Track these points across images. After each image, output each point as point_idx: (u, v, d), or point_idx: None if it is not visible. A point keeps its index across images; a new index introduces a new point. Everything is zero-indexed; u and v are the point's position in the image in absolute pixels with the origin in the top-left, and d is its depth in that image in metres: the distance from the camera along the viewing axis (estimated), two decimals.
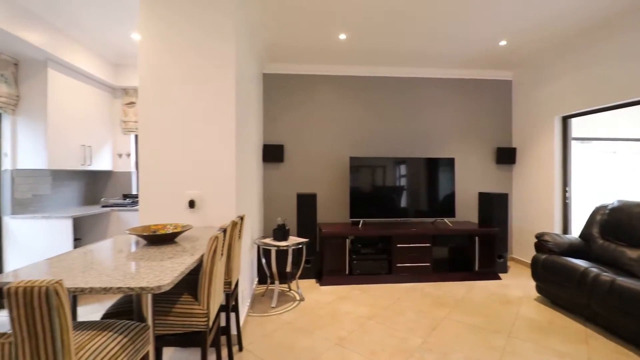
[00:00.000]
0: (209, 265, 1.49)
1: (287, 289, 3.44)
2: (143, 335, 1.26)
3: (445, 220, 4.15)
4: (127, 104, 4.17)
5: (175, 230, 1.85)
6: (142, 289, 1.11)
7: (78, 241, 3.52)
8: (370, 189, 4.05)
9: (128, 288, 1.11)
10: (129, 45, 3.65)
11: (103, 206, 3.69)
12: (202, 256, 1.54)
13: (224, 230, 1.72)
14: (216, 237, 1.50)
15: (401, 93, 4.43)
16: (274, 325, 2.65)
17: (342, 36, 3.47)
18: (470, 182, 4.52)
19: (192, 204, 2.32)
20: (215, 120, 2.36)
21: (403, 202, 4.11)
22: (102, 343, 1.08)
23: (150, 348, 1.32)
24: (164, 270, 1.28)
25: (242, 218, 2.25)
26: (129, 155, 4.19)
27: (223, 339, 2.29)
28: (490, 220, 4.00)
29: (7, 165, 3.05)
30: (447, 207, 4.12)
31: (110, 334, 1.15)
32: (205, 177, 2.35)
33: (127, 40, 3.50)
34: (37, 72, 3.12)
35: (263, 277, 3.65)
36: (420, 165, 4.12)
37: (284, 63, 4.22)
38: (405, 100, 4.43)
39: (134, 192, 4.17)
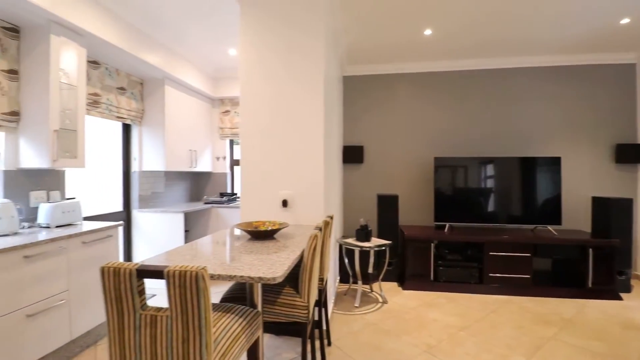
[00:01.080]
0: (309, 261, 1.58)
1: (369, 290, 3.44)
2: (256, 321, 1.39)
3: (549, 228, 3.67)
4: (223, 112, 4.67)
5: (274, 228, 2.00)
6: (260, 278, 1.23)
7: (187, 233, 4.06)
8: (456, 191, 3.81)
9: (249, 277, 1.24)
10: (226, 60, 4.08)
11: (205, 203, 4.19)
12: (302, 252, 1.64)
13: (320, 229, 1.80)
14: (316, 236, 1.58)
15: (490, 86, 4.06)
16: (359, 324, 2.68)
17: (428, 32, 3.34)
18: (580, 184, 3.92)
19: (285, 203, 2.49)
20: (306, 122, 2.49)
21: (494, 206, 3.76)
22: (228, 323, 1.23)
23: (260, 333, 1.46)
24: (273, 264, 1.40)
25: (331, 218, 2.33)
26: (224, 158, 4.68)
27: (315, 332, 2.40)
28: (607, 229, 3.40)
29: (135, 167, 3.68)
30: (551, 213, 3.64)
31: (232, 315, 1.30)
32: (297, 178, 2.50)
33: (225, 55, 3.92)
34: (157, 88, 3.69)
35: (344, 276, 3.72)
36: (514, 165, 3.72)
37: (363, 64, 4.23)
38: (496, 94, 4.05)
39: (228, 190, 4.64)
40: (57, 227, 2.39)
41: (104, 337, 2.52)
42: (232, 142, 4.79)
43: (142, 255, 3.62)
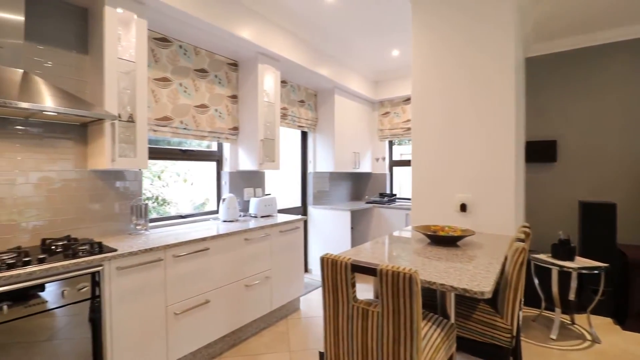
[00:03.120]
0: (514, 278, 1.36)
1: (569, 322, 2.75)
2: (452, 334, 1.29)
3: None
4: (382, 114, 4.75)
5: (456, 234, 1.85)
6: (465, 290, 1.13)
7: (352, 230, 4.33)
8: None
9: (451, 287, 1.16)
10: (387, 62, 4.12)
11: (367, 202, 4.37)
12: (503, 266, 1.43)
13: (522, 241, 1.53)
14: (523, 249, 1.34)
15: None
16: None
17: None
18: None
19: (463, 207, 2.28)
20: (490, 118, 2.20)
21: None
22: (428, 331, 1.19)
23: (454, 348, 1.35)
24: (474, 276, 1.27)
25: (529, 228, 1.96)
26: (384, 159, 4.76)
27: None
28: None
29: (310, 168, 4.20)
30: None
31: (429, 323, 1.25)
32: (478, 180, 2.24)
33: (387, 58, 3.96)
34: (328, 98, 4.09)
35: (530, 299, 3.11)
36: None
37: (556, 39, 3.43)
38: None
39: (387, 191, 4.70)
40: (261, 217, 2.97)
41: (292, 312, 2.96)
42: (390, 144, 4.81)
43: (315, 245, 4.08)
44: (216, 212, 3.03)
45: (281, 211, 3.63)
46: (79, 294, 1.55)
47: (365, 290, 3.37)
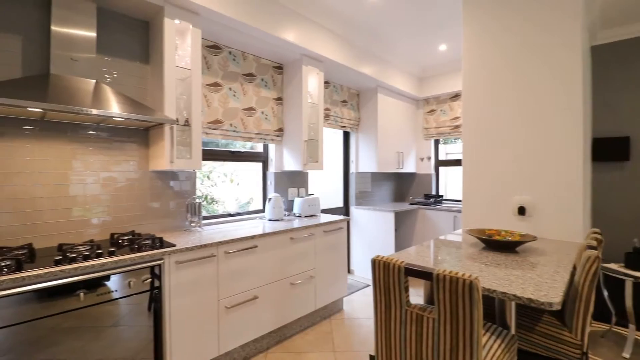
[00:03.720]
0: (585, 289, 1.23)
1: None
2: (513, 346, 1.21)
3: None
4: (427, 112, 4.58)
5: (514, 239, 1.72)
6: (530, 300, 1.05)
7: (396, 232, 4.24)
8: None
9: (514, 296, 1.08)
10: (433, 58, 3.97)
11: (411, 204, 4.24)
12: (572, 276, 1.31)
13: (594, 249, 1.39)
14: (597, 257, 1.21)
15: None
16: None
17: None
18: None
19: (521, 210, 2.12)
20: (555, 113, 2.02)
21: None
22: (487, 341, 1.12)
23: None
24: (539, 285, 1.17)
25: (600, 234, 1.78)
26: (429, 158, 4.59)
27: None
28: None
29: (353, 169, 4.17)
30: None
31: (489, 334, 1.17)
32: (539, 181, 2.07)
33: (433, 53, 3.82)
34: (371, 97, 4.03)
35: (597, 312, 2.82)
36: None
37: (627, 25, 3.06)
38: None
39: (433, 192, 4.52)
40: (305, 217, 3.01)
41: (336, 312, 2.96)
42: (436, 143, 4.63)
43: (358, 246, 4.05)
44: (262, 211, 3.12)
45: (324, 211, 3.65)
46: (143, 284, 1.68)
47: (412, 294, 3.26)
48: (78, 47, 1.80)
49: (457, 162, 4.41)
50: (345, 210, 4.16)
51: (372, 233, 3.88)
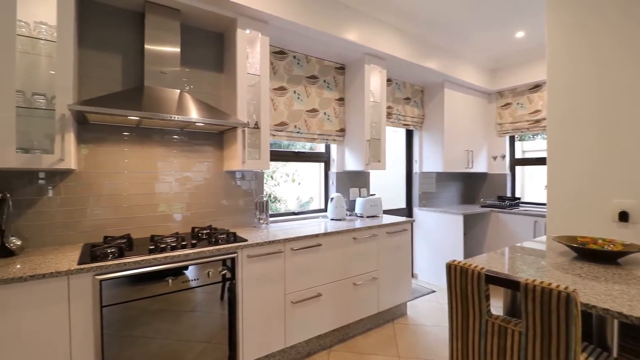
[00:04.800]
0: None
1: None
2: None
3: None
4: (501, 106, 4.20)
5: (614, 249, 1.48)
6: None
7: (464, 236, 3.97)
8: None
9: (619, 314, 0.93)
10: (508, 46, 3.62)
11: (482, 206, 3.93)
12: None
13: None
14: None
15: None
16: None
17: None
18: None
19: (623, 216, 1.82)
20: None
21: None
22: None
23: None
24: None
25: None
26: (503, 157, 4.20)
27: None
28: None
29: (416, 168, 4.01)
30: None
31: (585, 354, 1.03)
32: None
33: (508, 41, 3.48)
34: (436, 93, 3.83)
35: None
36: None
37: None
38: None
39: (508, 194, 4.13)
40: (367, 217, 2.98)
41: (399, 316, 2.87)
42: (512, 139, 4.21)
43: (422, 250, 3.88)
44: (323, 210, 3.17)
45: (385, 212, 3.56)
46: (219, 275, 1.83)
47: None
48: (166, 61, 2.02)
49: (537, 161, 3.97)
50: (408, 211, 4.01)
51: (438, 237, 3.68)
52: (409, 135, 4.08)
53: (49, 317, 1.37)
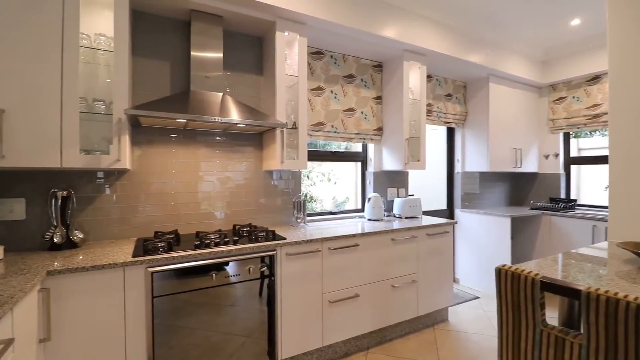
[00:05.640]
0: None
1: None
2: None
3: None
4: (554, 100, 3.88)
5: None
6: None
7: (512, 240, 3.72)
8: None
9: None
10: (561, 35, 3.34)
11: (532, 208, 3.66)
12: None
13: None
14: None
15: None
16: None
17: None
18: None
19: None
20: None
21: None
22: None
23: None
24: None
25: None
26: (556, 155, 3.88)
27: None
28: None
29: (458, 168, 3.83)
30: None
31: None
32: None
33: (562, 30, 3.21)
34: (480, 88, 3.63)
35: None
36: None
37: None
38: None
39: (562, 195, 3.81)
40: (406, 218, 2.90)
41: (440, 322, 2.76)
42: (566, 136, 3.88)
43: (464, 253, 3.70)
44: (360, 210, 3.14)
45: (425, 213, 3.45)
46: (259, 272, 1.87)
47: None
48: (210, 67, 2.12)
49: (596, 159, 3.61)
50: (449, 213, 3.85)
51: (482, 240, 3.49)
52: (450, 133, 3.91)
53: (108, 304, 1.49)
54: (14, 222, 1.77)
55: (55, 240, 1.71)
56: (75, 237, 1.78)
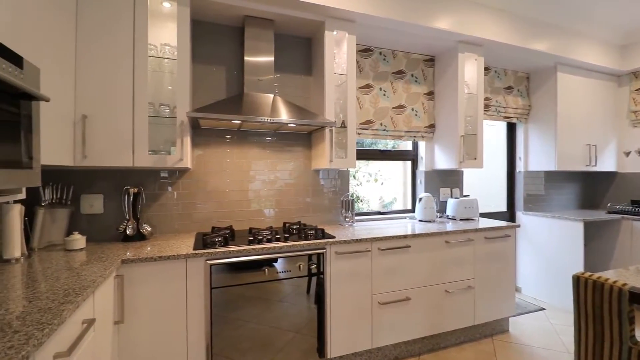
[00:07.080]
0: None
1: None
2: None
3: None
4: (636, 90, 3.40)
5: None
6: None
7: (585, 247, 3.33)
8: None
9: None
10: None
11: (609, 212, 3.24)
12: None
13: None
14: None
15: None
16: None
17: None
18: None
19: None
20: None
21: None
22: None
23: None
24: None
25: None
26: (639, 152, 3.39)
27: None
28: None
29: (520, 167, 3.52)
30: None
31: None
32: None
33: None
34: (547, 79, 3.30)
35: None
36: None
37: None
38: None
39: None
40: (460, 220, 2.74)
41: (499, 333, 2.56)
42: None
43: (526, 260, 3.39)
44: (410, 210, 3.03)
45: (482, 215, 3.22)
46: (309, 269, 1.89)
47: None
48: (262, 70, 2.20)
49: None
50: (509, 215, 3.56)
51: (550, 247, 3.16)
52: (511, 129, 3.61)
53: (171, 292, 1.61)
54: (94, 215, 1.99)
55: (127, 232, 1.89)
56: (144, 230, 1.95)
